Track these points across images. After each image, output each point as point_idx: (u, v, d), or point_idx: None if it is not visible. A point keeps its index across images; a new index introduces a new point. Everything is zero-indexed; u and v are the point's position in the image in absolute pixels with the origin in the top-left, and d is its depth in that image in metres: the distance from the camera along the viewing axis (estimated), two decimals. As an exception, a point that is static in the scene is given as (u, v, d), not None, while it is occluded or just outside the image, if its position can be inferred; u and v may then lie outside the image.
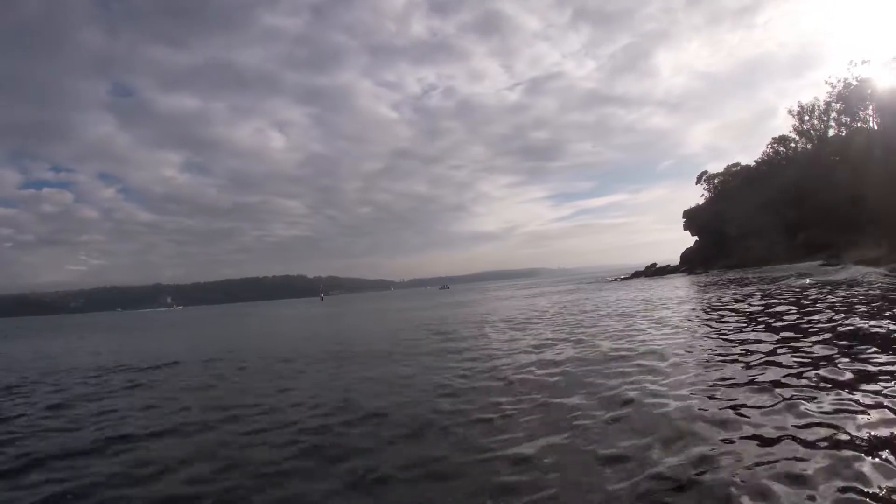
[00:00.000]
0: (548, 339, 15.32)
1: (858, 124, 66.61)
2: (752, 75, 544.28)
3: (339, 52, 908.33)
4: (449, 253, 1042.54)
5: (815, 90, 77.71)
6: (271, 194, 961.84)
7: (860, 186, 54.38)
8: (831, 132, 69.76)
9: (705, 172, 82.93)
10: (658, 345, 12.18)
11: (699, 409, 6.74)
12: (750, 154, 76.95)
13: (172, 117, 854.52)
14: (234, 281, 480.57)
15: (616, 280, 73.34)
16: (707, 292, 30.75)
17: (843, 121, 68.52)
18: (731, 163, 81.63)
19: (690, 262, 75.19)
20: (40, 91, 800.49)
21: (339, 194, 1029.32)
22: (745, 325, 14.65)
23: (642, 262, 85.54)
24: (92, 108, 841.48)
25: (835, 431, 5.50)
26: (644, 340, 13.18)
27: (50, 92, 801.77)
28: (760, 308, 18.54)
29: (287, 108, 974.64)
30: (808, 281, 30.18)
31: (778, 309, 17.49)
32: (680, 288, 38.99)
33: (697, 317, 18.08)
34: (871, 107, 65.15)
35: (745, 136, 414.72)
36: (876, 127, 64.41)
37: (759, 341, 11.46)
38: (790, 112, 72.46)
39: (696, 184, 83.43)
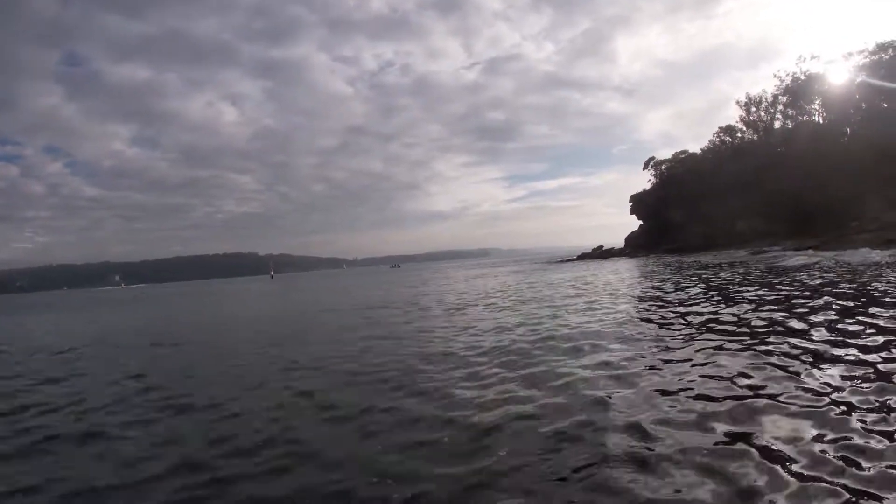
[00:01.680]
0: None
1: (804, 118, 67.69)
2: (709, 65, 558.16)
3: (296, 25, 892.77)
4: (403, 231, 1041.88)
5: (770, 83, 78.26)
6: (223, 169, 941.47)
7: (803, 178, 55.14)
8: (777, 124, 70.72)
9: (653, 158, 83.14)
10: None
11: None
12: (702, 142, 77.90)
13: (123, 88, 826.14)
14: (184, 258, 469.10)
15: (561, 262, 72.99)
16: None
17: (790, 114, 69.52)
18: (681, 150, 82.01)
19: (634, 246, 75.57)
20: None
21: (292, 170, 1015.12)
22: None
23: (593, 244, 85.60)
24: (40, 78, 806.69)
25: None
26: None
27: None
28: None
29: (241, 81, 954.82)
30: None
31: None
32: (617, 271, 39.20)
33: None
34: (817, 101, 66.30)
35: (698, 124, 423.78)
36: (822, 121, 65.56)
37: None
38: (738, 103, 73.12)
39: (644, 169, 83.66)
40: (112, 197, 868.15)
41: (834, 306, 11.86)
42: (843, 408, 5.18)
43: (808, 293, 14.85)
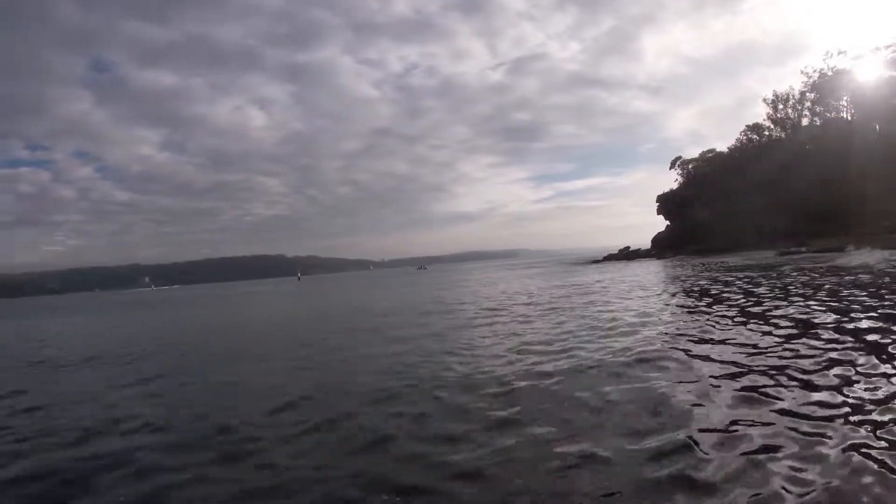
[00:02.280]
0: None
1: (832, 115, 67.02)
2: (736, 62, 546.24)
3: (320, 29, 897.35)
4: (429, 233, 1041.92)
5: (797, 79, 77.27)
6: (250, 173, 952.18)
7: (831, 176, 54.69)
8: (805, 121, 70.11)
9: (679, 157, 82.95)
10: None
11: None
12: (729, 140, 77.34)
13: (150, 94, 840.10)
14: (213, 260, 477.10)
15: (586, 263, 72.92)
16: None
17: (817, 110, 68.90)
18: (708, 148, 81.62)
19: (660, 246, 75.39)
20: (16, 66, 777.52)
21: (318, 173, 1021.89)
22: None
23: (621, 244, 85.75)
24: (68, 84, 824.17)
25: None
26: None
27: (25, 67, 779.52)
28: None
29: (267, 86, 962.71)
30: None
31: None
32: (642, 274, 38.94)
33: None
34: (845, 98, 65.63)
35: (725, 122, 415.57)
36: (850, 118, 64.84)
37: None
38: (765, 100, 72.77)
39: (670, 169, 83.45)
40: (141, 201, 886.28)
41: None
42: None
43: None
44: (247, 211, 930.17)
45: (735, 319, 12.62)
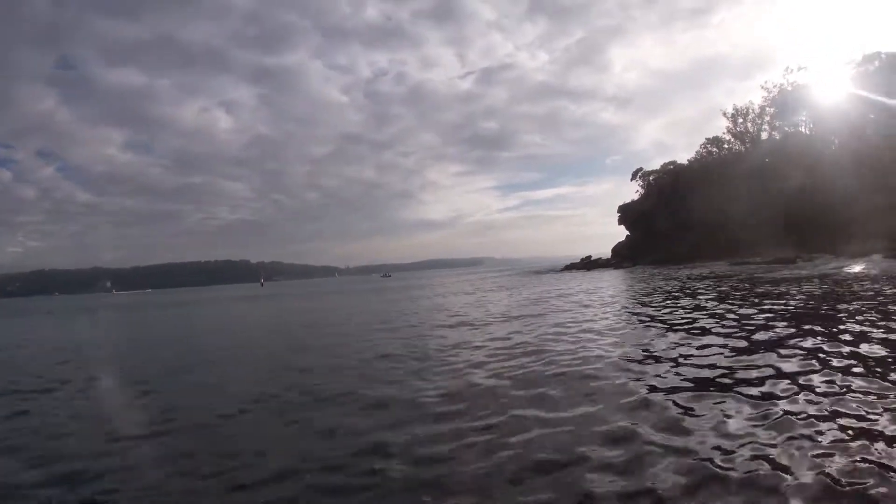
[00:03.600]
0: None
1: (791, 129, 67.29)
2: (703, 75, 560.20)
3: (290, 32, 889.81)
4: (396, 240, 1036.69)
5: (760, 93, 77.59)
6: (216, 176, 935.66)
7: (790, 189, 54.61)
8: (764, 135, 70.48)
9: (640, 169, 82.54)
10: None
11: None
12: (695, 152, 77.85)
13: (116, 93, 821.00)
14: (176, 265, 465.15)
15: (541, 273, 72.27)
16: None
17: (776, 125, 69.20)
18: (673, 160, 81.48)
19: (620, 256, 74.72)
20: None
21: (285, 178, 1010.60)
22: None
23: (585, 253, 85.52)
24: (34, 82, 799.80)
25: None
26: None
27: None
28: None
29: (234, 88, 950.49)
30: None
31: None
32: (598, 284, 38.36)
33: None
34: (804, 112, 65.93)
35: (692, 134, 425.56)
36: (809, 132, 65.13)
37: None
38: (724, 114, 72.89)
39: (632, 180, 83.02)
40: (104, 202, 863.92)
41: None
42: None
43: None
44: (211, 215, 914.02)
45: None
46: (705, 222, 62.11)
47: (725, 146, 73.82)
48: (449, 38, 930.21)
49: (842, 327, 10.21)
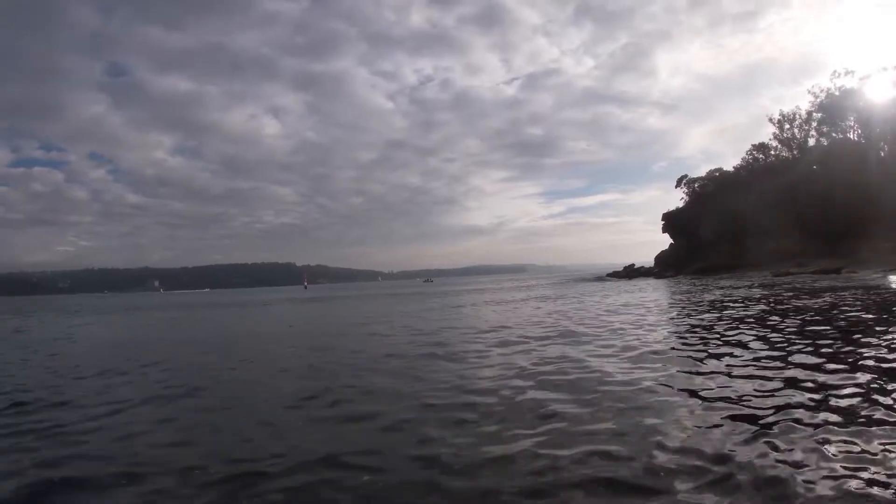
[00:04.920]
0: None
1: (839, 135, 66.53)
2: (751, 80, 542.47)
3: (336, 40, 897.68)
4: (439, 246, 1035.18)
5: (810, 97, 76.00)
6: (263, 181, 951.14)
7: (836, 197, 54.16)
8: (811, 141, 69.75)
9: (685, 176, 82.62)
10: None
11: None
12: (741, 159, 77.18)
13: (166, 99, 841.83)
14: (222, 266, 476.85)
15: (590, 280, 72.63)
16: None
17: (824, 130, 68.41)
18: (719, 167, 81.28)
19: (663, 265, 75.04)
20: (34, 68, 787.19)
21: (331, 183, 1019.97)
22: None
23: (629, 261, 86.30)
24: (85, 88, 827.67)
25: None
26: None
27: (44, 69, 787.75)
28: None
29: (282, 95, 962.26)
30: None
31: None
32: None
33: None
34: (852, 118, 65.17)
35: (739, 141, 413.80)
36: (856, 138, 64.37)
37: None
38: (770, 120, 72.32)
39: (676, 187, 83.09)
40: (153, 204, 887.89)
41: None
42: None
43: None
44: (258, 218, 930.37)
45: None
46: (749, 231, 62.10)
47: (772, 153, 73.33)
48: (494, 43, 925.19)
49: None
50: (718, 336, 12.07)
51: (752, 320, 14.81)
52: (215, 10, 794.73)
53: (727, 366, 8.57)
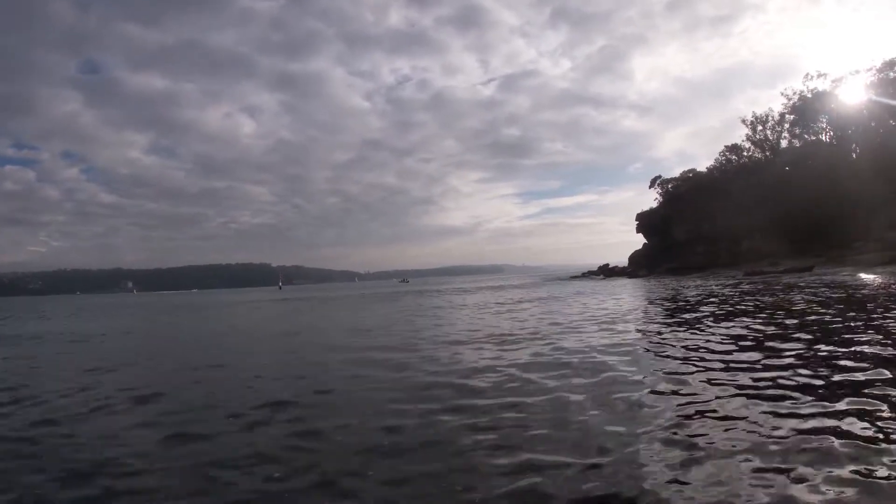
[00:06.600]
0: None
1: (811, 137, 66.77)
2: (726, 83, 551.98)
3: (313, 39, 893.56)
4: (416, 246, 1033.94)
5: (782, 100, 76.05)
6: (238, 180, 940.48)
7: (808, 197, 54.24)
8: (784, 143, 69.94)
9: (659, 177, 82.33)
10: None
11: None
12: (714, 160, 77.47)
13: (140, 97, 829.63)
14: (197, 267, 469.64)
15: (564, 280, 72.26)
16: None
17: (796, 132, 68.63)
18: (693, 168, 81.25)
19: (637, 264, 74.71)
20: (6, 64, 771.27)
21: (307, 183, 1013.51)
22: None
23: (604, 261, 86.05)
24: (59, 84, 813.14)
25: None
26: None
27: (17, 65, 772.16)
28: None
29: (258, 94, 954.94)
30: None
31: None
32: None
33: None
34: (824, 120, 65.39)
35: (714, 142, 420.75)
36: (829, 140, 64.63)
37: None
38: (743, 121, 72.52)
39: (650, 188, 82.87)
40: (127, 204, 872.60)
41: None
42: None
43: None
44: (233, 218, 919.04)
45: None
46: (721, 231, 62.05)
47: (745, 154, 73.42)
48: (472, 44, 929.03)
49: None
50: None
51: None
52: (192, 7, 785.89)
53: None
